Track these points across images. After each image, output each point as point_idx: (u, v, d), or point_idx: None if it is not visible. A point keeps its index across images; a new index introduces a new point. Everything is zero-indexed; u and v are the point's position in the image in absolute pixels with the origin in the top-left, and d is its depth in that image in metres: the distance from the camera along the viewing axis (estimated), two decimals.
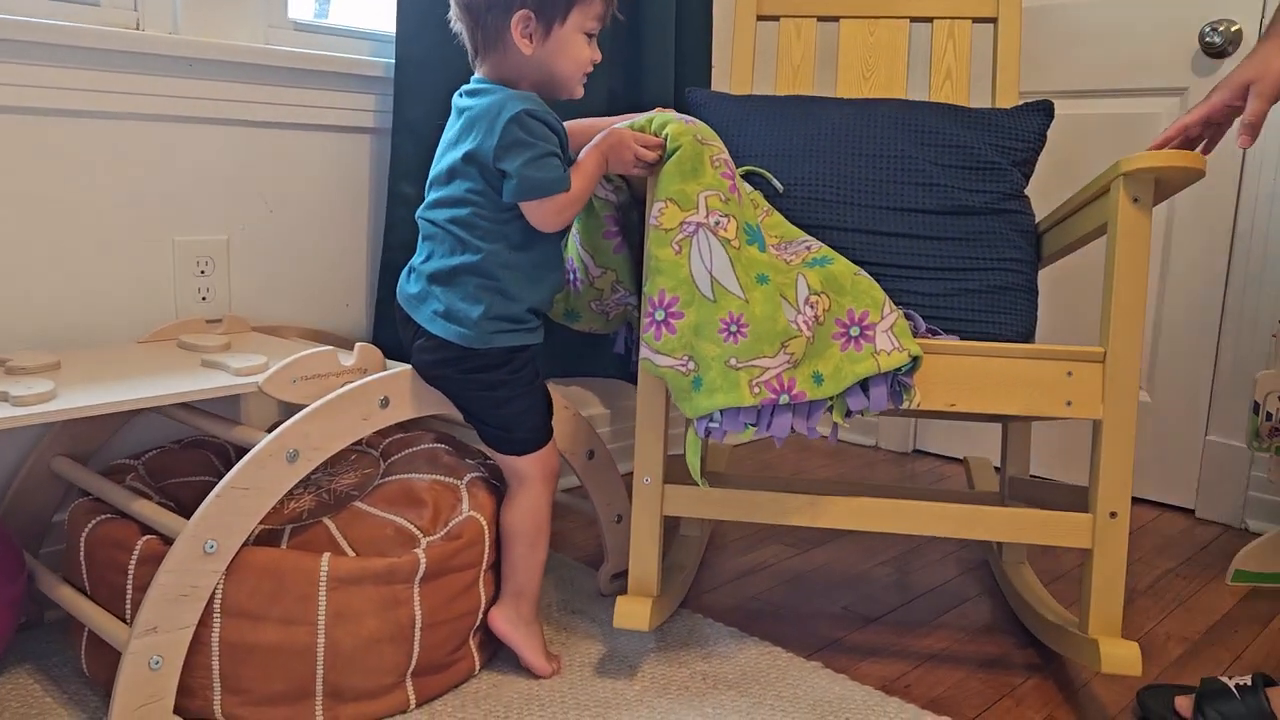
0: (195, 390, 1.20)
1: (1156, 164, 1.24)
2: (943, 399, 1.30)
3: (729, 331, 1.20)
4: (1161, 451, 2.13)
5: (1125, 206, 1.26)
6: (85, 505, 1.29)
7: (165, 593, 1.09)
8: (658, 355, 1.23)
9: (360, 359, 1.30)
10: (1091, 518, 1.29)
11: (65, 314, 1.47)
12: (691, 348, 1.22)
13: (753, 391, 1.21)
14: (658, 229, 1.23)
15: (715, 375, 1.21)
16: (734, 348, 1.20)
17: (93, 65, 1.42)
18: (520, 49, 1.25)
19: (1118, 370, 1.27)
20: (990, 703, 1.33)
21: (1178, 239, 2.08)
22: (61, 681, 1.27)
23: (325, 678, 1.18)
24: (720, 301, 1.20)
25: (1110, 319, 1.27)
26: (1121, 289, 1.26)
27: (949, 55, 1.77)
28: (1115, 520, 1.27)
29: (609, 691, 1.31)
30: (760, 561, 1.78)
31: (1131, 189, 1.26)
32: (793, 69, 1.82)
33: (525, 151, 1.20)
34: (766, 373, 1.21)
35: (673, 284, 1.22)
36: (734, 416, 1.23)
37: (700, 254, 1.21)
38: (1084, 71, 2.16)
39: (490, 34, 1.26)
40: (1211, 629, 1.58)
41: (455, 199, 1.27)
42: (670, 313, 1.22)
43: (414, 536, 1.26)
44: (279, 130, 1.65)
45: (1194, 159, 1.23)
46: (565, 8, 1.25)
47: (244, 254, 1.64)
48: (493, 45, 1.26)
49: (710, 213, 1.22)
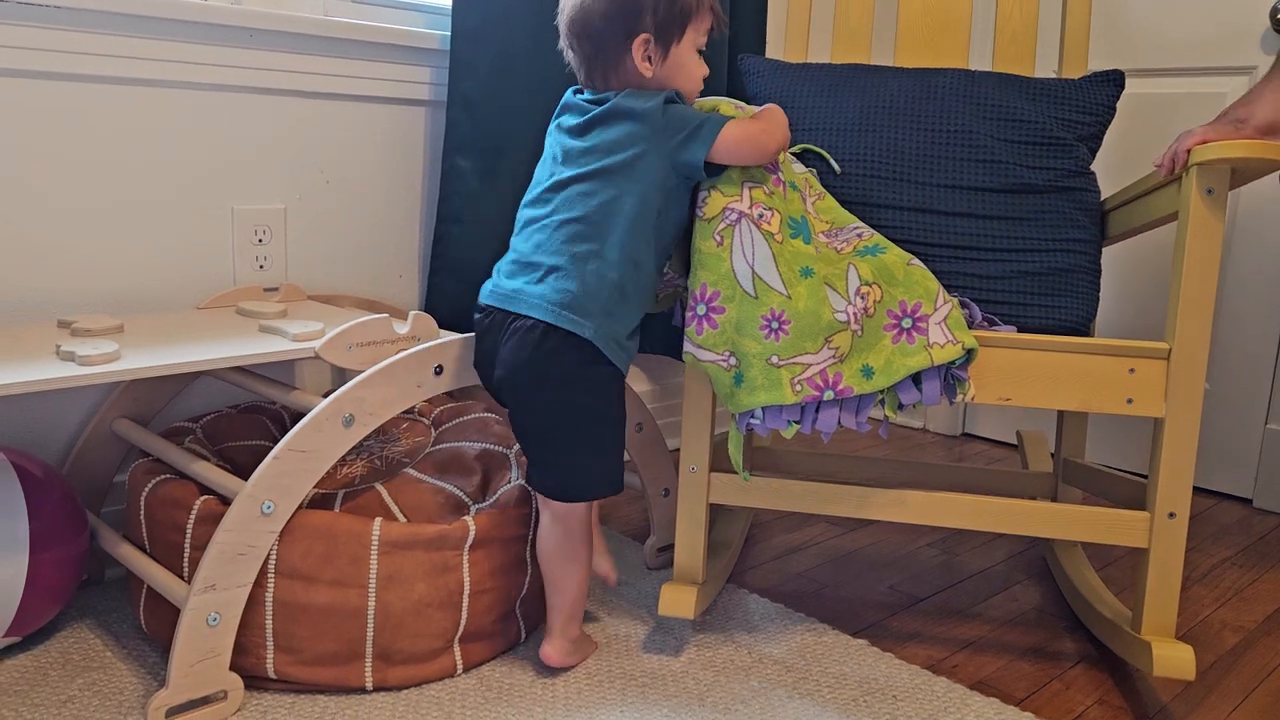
0: (254, 354, 1.21)
1: (1232, 155, 1.18)
2: (997, 393, 1.27)
3: (770, 329, 1.19)
4: (1220, 440, 2.09)
5: (1197, 199, 1.21)
6: (145, 465, 1.32)
7: (223, 551, 1.11)
8: (700, 350, 1.22)
9: (415, 327, 1.31)
10: (1149, 517, 1.26)
11: (128, 279, 1.50)
12: (733, 344, 1.20)
13: (794, 390, 1.19)
14: (701, 220, 1.22)
15: (757, 373, 1.20)
16: (775, 345, 1.19)
17: (156, 35, 1.44)
18: (641, 72, 1.23)
19: (1183, 368, 1.23)
20: (1038, 686, 1.31)
21: (1241, 224, 2.03)
22: (122, 637, 1.31)
23: (375, 640, 1.20)
24: (762, 298, 1.19)
25: (1177, 315, 1.22)
26: (1190, 284, 1.22)
27: (1015, 19, 1.69)
28: (1174, 521, 1.25)
29: (654, 664, 1.32)
30: (806, 539, 1.78)
31: (1205, 180, 1.20)
32: (850, 33, 1.76)
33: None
34: (809, 369, 1.20)
35: (714, 278, 1.20)
36: (776, 414, 1.22)
37: (742, 247, 1.19)
38: (1150, 48, 2.11)
39: (611, 59, 1.23)
40: (1269, 619, 1.55)
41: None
42: (712, 307, 1.20)
43: (464, 504, 1.27)
44: (336, 101, 1.66)
45: (1272, 149, 1.17)
46: (680, 27, 1.23)
47: (301, 223, 1.66)
48: (613, 69, 1.24)
49: (754, 204, 1.21)
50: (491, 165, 1.75)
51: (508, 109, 1.75)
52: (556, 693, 1.23)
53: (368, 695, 1.21)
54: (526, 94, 1.76)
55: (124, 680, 1.21)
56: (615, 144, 1.20)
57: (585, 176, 1.20)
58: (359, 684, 1.20)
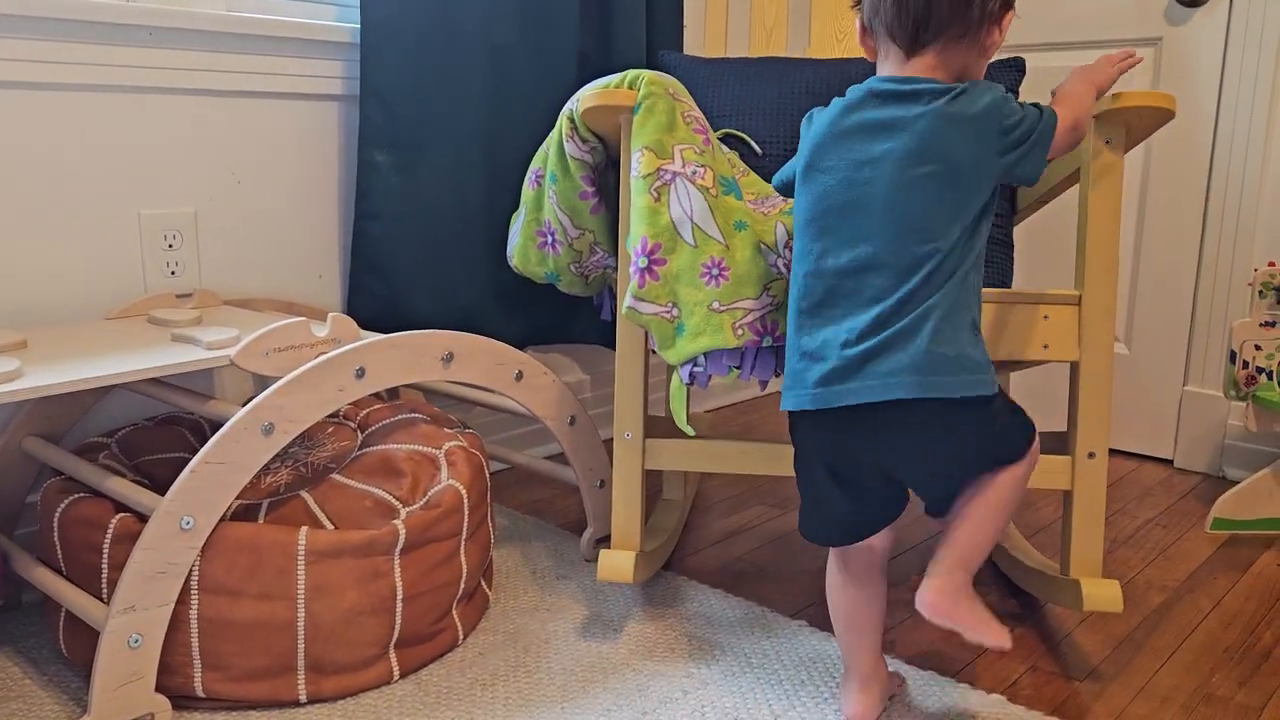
0: (166, 365, 1.18)
1: (1126, 105, 1.23)
2: None
3: (710, 275, 1.20)
4: (1140, 403, 2.14)
5: (1097, 149, 1.26)
6: (58, 485, 1.27)
7: (142, 570, 1.08)
8: (641, 303, 1.22)
9: (334, 329, 1.28)
10: (1070, 459, 1.29)
11: (31, 291, 1.44)
12: (675, 294, 1.21)
13: (736, 333, 1.20)
14: (637, 178, 1.23)
15: (699, 320, 1.20)
16: (716, 291, 1.20)
17: (49, 35, 1.38)
18: (994, 46, 1.12)
19: (1093, 312, 1.27)
20: (975, 655, 1.33)
21: (1153, 191, 2.08)
22: (41, 664, 1.26)
23: (307, 651, 1.17)
24: (701, 246, 1.20)
25: (1084, 261, 1.27)
26: (1095, 231, 1.26)
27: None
28: (1094, 461, 1.28)
29: (595, 655, 1.31)
30: (743, 523, 1.78)
31: (1102, 132, 1.25)
32: (766, 32, 1.80)
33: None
34: (749, 314, 1.21)
35: (654, 231, 1.21)
36: (717, 359, 1.22)
37: (680, 200, 1.21)
38: (1058, 24, 2.15)
39: (976, 27, 1.09)
40: (1191, 576, 1.59)
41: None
42: (653, 260, 1.21)
43: (393, 508, 1.25)
44: (245, 99, 1.61)
45: (1163, 99, 1.22)
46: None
47: (212, 226, 1.61)
48: (972, 32, 1.09)
49: (686, 163, 1.22)
50: (410, 159, 1.72)
51: (423, 100, 1.71)
52: (496, 694, 1.22)
53: (302, 708, 1.18)
54: (442, 84, 1.72)
55: (46, 709, 1.17)
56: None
57: None
58: (292, 698, 1.18)
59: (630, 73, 1.29)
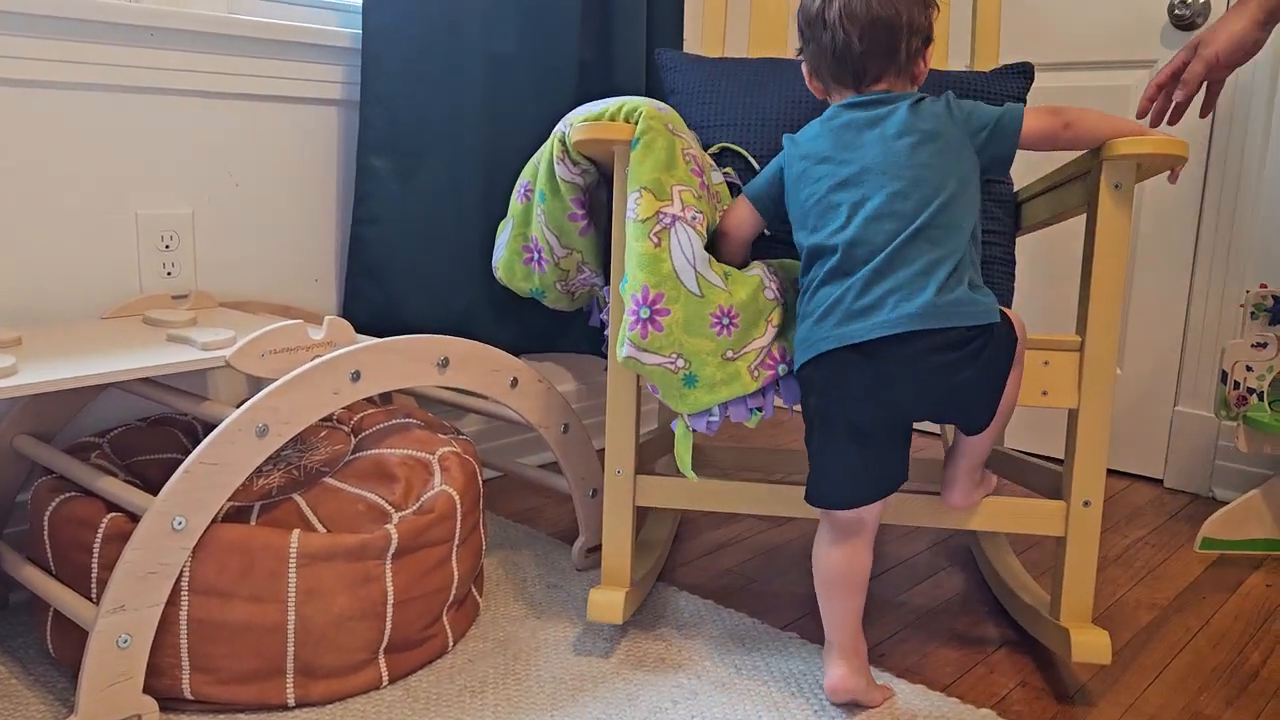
0: (161, 365, 1.17)
1: (1138, 150, 1.20)
2: None
3: (721, 325, 1.18)
4: (1131, 423, 2.15)
5: (1106, 193, 1.23)
6: (49, 484, 1.26)
7: (132, 570, 1.07)
8: (645, 354, 1.18)
9: (330, 332, 1.28)
10: (1065, 506, 1.29)
11: (26, 289, 1.44)
12: (680, 344, 1.18)
13: (754, 376, 1.21)
14: (634, 221, 1.19)
15: (712, 370, 1.19)
16: (728, 340, 1.19)
17: (51, 34, 1.39)
18: (923, 74, 1.28)
19: (1094, 360, 1.25)
20: (963, 671, 1.34)
21: (1146, 211, 2.09)
22: (29, 664, 1.25)
23: (296, 655, 1.17)
24: (708, 295, 1.18)
25: (1088, 308, 1.25)
26: (1100, 278, 1.24)
27: None
28: (1089, 509, 1.27)
29: (585, 665, 1.31)
30: (734, 535, 1.78)
31: (1113, 175, 1.22)
32: (766, 24, 1.78)
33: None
34: (761, 353, 1.21)
35: (655, 279, 1.17)
36: (739, 405, 1.23)
37: (681, 247, 1.18)
38: (1057, 43, 2.16)
39: (906, 65, 1.26)
40: (1180, 596, 1.60)
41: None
42: (655, 310, 1.17)
43: (385, 512, 1.25)
44: (244, 101, 1.62)
45: (1176, 145, 1.19)
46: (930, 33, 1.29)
47: (210, 228, 1.61)
48: (903, 69, 1.26)
49: (686, 207, 1.20)
50: (409, 164, 1.72)
51: (423, 107, 1.72)
52: (485, 701, 1.22)
53: (290, 712, 1.18)
54: (442, 91, 1.73)
55: (32, 709, 1.16)
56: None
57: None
58: (280, 701, 1.17)
59: (627, 104, 1.25)
